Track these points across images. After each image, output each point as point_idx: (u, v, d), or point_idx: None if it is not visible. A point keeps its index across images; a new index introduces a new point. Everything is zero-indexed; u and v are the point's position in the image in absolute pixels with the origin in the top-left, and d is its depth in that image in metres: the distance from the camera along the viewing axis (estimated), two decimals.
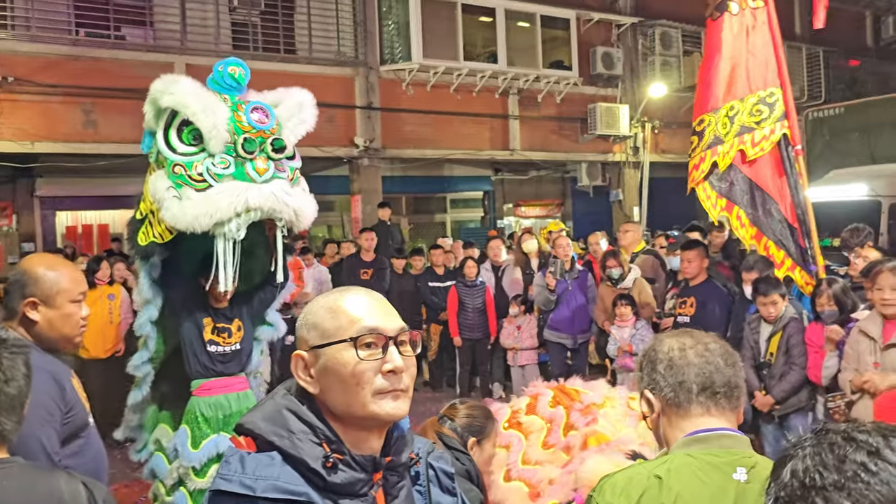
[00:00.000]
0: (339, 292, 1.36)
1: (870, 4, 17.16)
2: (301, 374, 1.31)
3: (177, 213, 2.93)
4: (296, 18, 10.75)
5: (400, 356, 1.29)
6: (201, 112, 3.00)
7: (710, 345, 1.52)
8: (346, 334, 1.27)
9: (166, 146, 3.05)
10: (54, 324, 2.19)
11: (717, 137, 4.84)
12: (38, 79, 8.79)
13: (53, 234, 11.98)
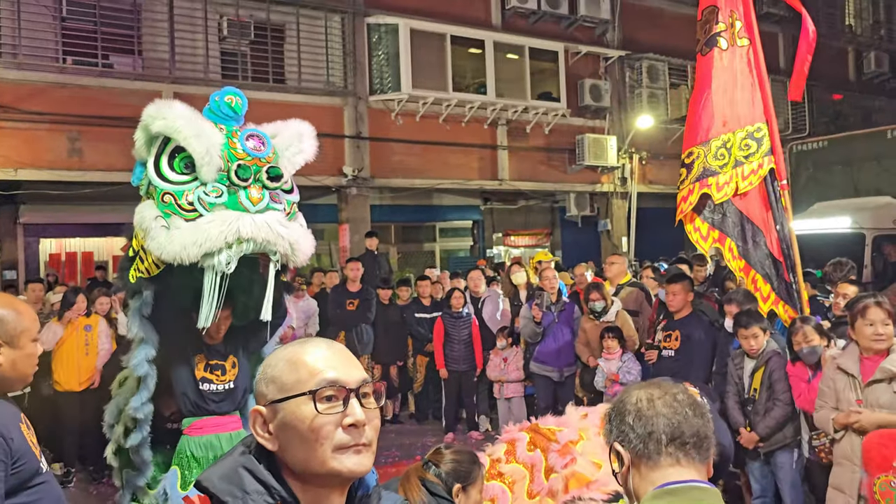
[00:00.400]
0: (300, 344, 1.31)
1: (852, 40, 17.47)
2: (259, 431, 1.26)
3: (163, 243, 2.81)
4: (285, 48, 10.81)
5: (362, 409, 1.24)
6: (194, 137, 2.88)
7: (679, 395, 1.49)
8: (305, 387, 1.22)
9: (157, 175, 2.95)
10: (17, 365, 2.13)
11: (706, 169, 4.85)
12: (24, 106, 8.76)
13: (36, 262, 11.87)
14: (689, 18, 14.88)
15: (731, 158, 4.80)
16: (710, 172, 4.83)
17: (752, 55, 4.95)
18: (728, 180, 4.77)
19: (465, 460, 2.54)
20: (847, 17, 17.72)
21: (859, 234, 8.36)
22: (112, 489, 6.21)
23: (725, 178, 4.78)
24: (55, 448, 7.17)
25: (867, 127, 13.66)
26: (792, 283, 4.70)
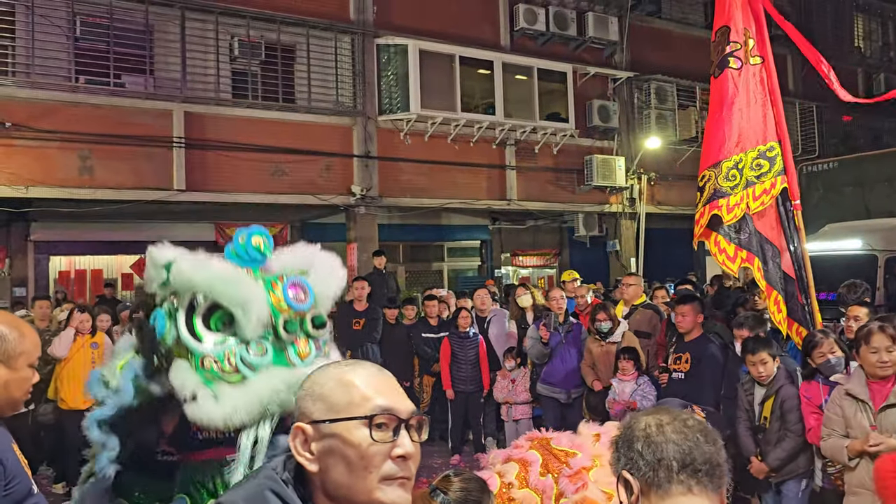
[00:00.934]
0: (350, 365, 1.28)
1: (861, 62, 17.47)
2: (300, 450, 1.21)
3: (211, 411, 2.57)
4: (296, 68, 10.89)
5: (412, 444, 1.21)
6: (239, 297, 2.66)
7: (689, 421, 1.44)
8: (359, 411, 1.19)
9: (192, 336, 2.68)
10: (10, 387, 2.07)
11: (717, 191, 4.81)
12: (36, 124, 8.84)
13: (46, 279, 11.91)
14: (697, 40, 14.98)
15: (742, 179, 4.75)
16: (720, 194, 4.79)
17: (766, 73, 4.93)
18: (739, 201, 4.72)
19: (474, 488, 2.44)
20: (856, 38, 17.74)
21: (871, 256, 8.28)
22: None
23: (736, 200, 4.73)
24: (58, 467, 7.14)
25: (877, 148, 13.61)
26: (805, 305, 4.63)
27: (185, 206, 10.41)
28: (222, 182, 10.10)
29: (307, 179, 10.73)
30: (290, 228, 13.42)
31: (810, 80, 15.31)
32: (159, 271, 2.75)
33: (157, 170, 9.65)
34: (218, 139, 10.01)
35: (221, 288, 2.66)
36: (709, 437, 1.42)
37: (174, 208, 10.62)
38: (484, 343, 7.47)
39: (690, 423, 1.43)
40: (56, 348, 6.49)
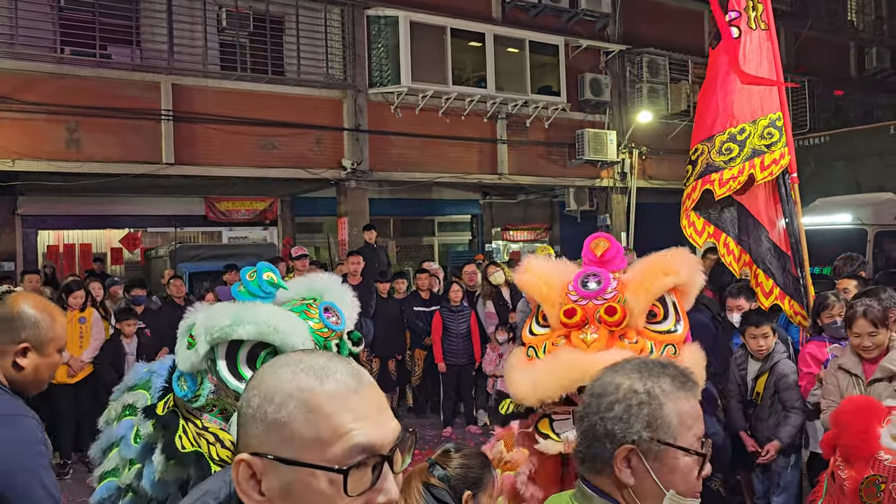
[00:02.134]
0: (315, 375, 0.95)
1: (854, 36, 17.43)
2: (245, 488, 0.94)
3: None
4: (285, 40, 10.75)
5: (394, 479, 0.95)
6: (290, 334, 2.62)
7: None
8: (330, 454, 0.91)
9: (238, 379, 2.62)
10: (39, 370, 2.10)
11: (709, 166, 4.76)
12: (22, 96, 8.70)
13: (35, 254, 11.83)
14: (689, 13, 14.90)
15: (744, 151, 4.68)
16: (712, 168, 4.74)
17: (771, 42, 4.88)
18: (736, 174, 4.67)
19: (475, 465, 2.38)
20: (849, 12, 17.67)
21: (861, 230, 8.34)
22: None
23: (732, 173, 4.68)
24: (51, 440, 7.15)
25: (867, 123, 13.63)
26: (799, 278, 4.64)
27: (174, 179, 10.32)
28: (211, 156, 10.01)
29: (297, 153, 10.65)
30: (280, 203, 13.36)
31: (801, 53, 15.28)
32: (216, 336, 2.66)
33: (146, 143, 9.54)
34: (206, 112, 9.89)
35: (272, 336, 2.61)
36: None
37: (163, 182, 10.53)
38: (476, 316, 7.50)
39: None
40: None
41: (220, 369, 2.65)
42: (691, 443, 1.31)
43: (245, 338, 2.62)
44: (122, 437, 3.14)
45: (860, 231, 8.32)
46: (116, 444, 3.16)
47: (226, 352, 2.64)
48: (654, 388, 1.33)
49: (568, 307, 2.61)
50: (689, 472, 1.31)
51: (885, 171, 9.80)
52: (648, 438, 1.30)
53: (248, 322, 2.60)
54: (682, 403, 1.33)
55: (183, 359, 2.75)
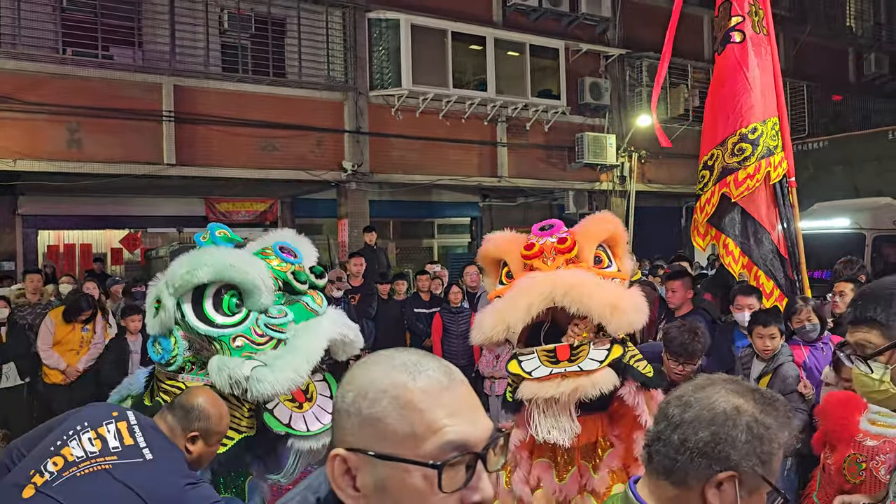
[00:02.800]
0: (407, 371, 0.95)
1: (852, 41, 17.49)
2: (340, 483, 0.94)
3: (276, 379, 2.57)
4: (286, 42, 10.78)
5: (487, 478, 0.94)
6: (248, 270, 2.70)
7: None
8: (424, 451, 0.90)
9: (208, 324, 2.70)
10: (202, 458, 2.35)
11: (725, 169, 4.77)
12: (24, 97, 8.72)
13: (35, 253, 11.85)
14: (689, 18, 14.91)
15: (759, 149, 4.69)
16: (728, 171, 4.75)
17: (770, 47, 4.92)
18: (752, 172, 4.67)
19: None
20: (848, 18, 17.73)
21: (859, 235, 8.38)
22: None
23: (748, 172, 4.68)
24: None
25: (866, 128, 13.68)
26: (795, 282, 4.68)
27: (175, 180, 10.35)
28: (212, 157, 10.03)
29: (298, 155, 10.68)
30: (281, 204, 13.39)
31: (800, 59, 15.34)
32: (177, 288, 2.74)
33: (147, 144, 9.56)
34: (208, 113, 9.92)
35: (230, 272, 2.70)
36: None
37: (164, 183, 10.55)
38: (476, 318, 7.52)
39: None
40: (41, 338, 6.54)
41: (188, 317, 2.71)
42: (775, 472, 1.27)
43: (205, 280, 2.69)
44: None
45: (858, 235, 8.36)
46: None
47: (192, 300, 2.72)
48: (771, 423, 1.28)
49: (527, 244, 3.16)
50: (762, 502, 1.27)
51: (883, 175, 9.85)
52: (754, 473, 1.25)
53: (205, 264, 2.70)
54: (781, 436, 1.29)
55: (153, 324, 2.82)
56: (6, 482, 1.99)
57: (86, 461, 1.98)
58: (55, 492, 1.91)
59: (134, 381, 3.33)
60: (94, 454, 2.00)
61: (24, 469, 2.00)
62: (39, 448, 2.05)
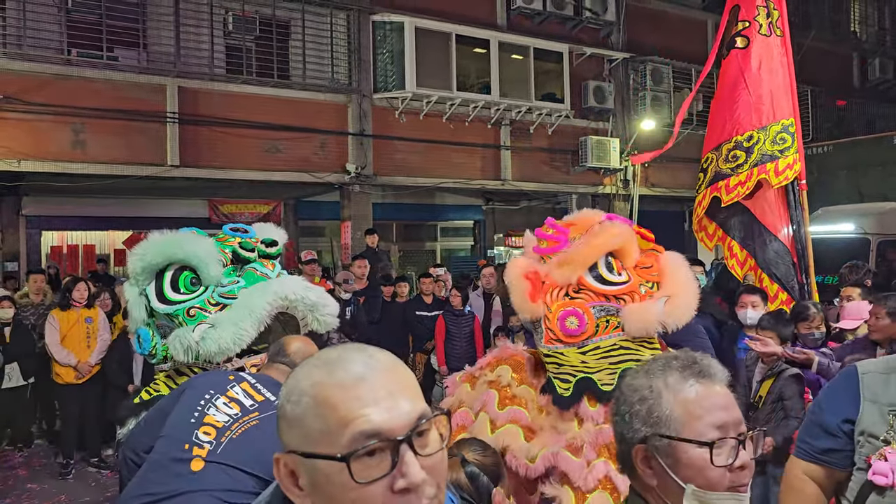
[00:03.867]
0: (327, 368, 0.97)
1: (857, 46, 17.47)
2: (287, 483, 0.98)
3: (219, 335, 2.67)
4: (290, 44, 10.80)
5: (418, 461, 0.93)
6: (190, 246, 2.85)
7: None
8: (340, 444, 0.92)
9: (166, 303, 2.84)
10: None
11: (717, 174, 4.81)
12: (29, 97, 8.74)
13: (38, 254, 11.86)
14: (693, 22, 14.95)
15: (752, 157, 4.70)
16: (720, 176, 4.79)
17: (785, 48, 4.91)
18: (743, 180, 4.69)
19: (495, 461, 2.38)
20: (852, 23, 17.72)
21: (864, 239, 8.35)
22: (111, 479, 6.20)
23: (739, 179, 4.71)
24: (56, 440, 7.17)
25: (870, 133, 13.65)
26: (804, 285, 4.66)
27: (179, 182, 10.36)
28: (216, 158, 10.05)
29: (301, 157, 10.69)
30: (284, 206, 13.40)
31: (804, 64, 15.32)
32: (140, 274, 2.91)
33: (151, 145, 9.58)
34: (212, 115, 9.94)
35: (173, 249, 2.87)
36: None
37: (167, 184, 10.57)
38: (479, 320, 7.53)
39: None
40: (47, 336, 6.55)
41: (151, 301, 2.88)
42: (701, 432, 1.25)
43: (153, 262, 2.87)
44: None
45: (863, 240, 8.33)
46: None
47: (154, 285, 2.89)
48: (655, 383, 1.31)
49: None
50: (704, 464, 1.24)
51: (887, 180, 9.82)
52: (651, 435, 1.28)
53: (153, 247, 2.90)
54: (688, 393, 1.28)
55: (131, 320, 3.01)
56: (157, 463, 1.91)
57: (234, 423, 1.96)
58: (223, 458, 1.87)
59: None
60: (237, 415, 1.98)
61: (173, 446, 1.92)
62: (174, 426, 1.97)
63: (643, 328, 2.77)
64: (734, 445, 1.25)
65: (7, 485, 6.19)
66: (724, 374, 1.34)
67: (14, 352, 6.64)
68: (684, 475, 1.25)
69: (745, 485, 1.25)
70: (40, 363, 6.80)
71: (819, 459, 1.90)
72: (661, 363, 1.35)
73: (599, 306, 2.82)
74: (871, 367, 1.91)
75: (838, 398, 1.89)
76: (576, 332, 2.83)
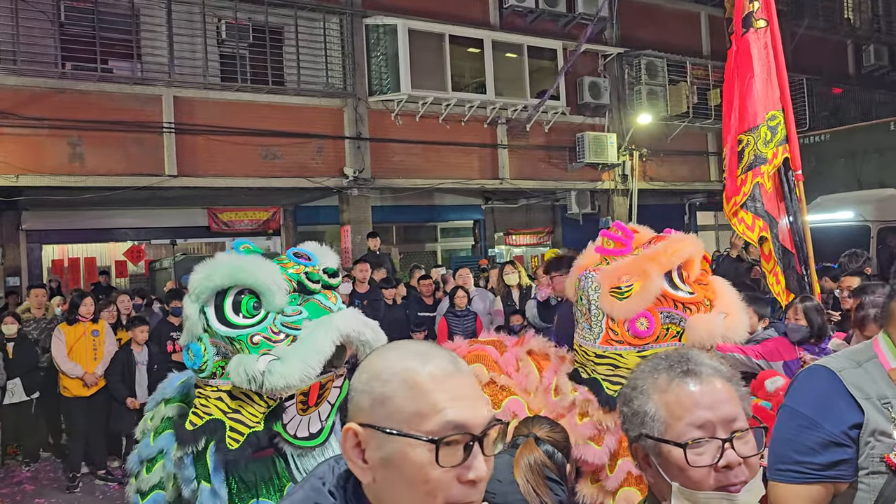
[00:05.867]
0: (418, 358, 1.05)
1: (851, 33, 17.46)
2: (351, 455, 1.04)
3: (286, 371, 2.67)
4: (284, 51, 10.80)
5: (484, 460, 1.02)
6: (258, 272, 2.85)
7: None
8: (426, 427, 0.99)
9: (228, 326, 2.85)
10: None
11: (757, 157, 4.65)
12: (24, 112, 8.75)
13: (39, 268, 11.87)
14: (687, 15, 14.94)
15: (776, 136, 4.64)
16: (760, 160, 4.64)
17: (770, 37, 4.84)
18: (770, 158, 4.62)
19: (565, 435, 2.41)
20: (846, 10, 17.70)
21: (864, 227, 8.35)
22: (118, 492, 6.20)
23: (768, 168, 4.63)
24: (62, 454, 7.17)
25: (866, 120, 13.64)
26: (804, 276, 4.62)
27: (177, 191, 10.37)
28: (214, 167, 10.05)
29: (299, 162, 10.69)
30: (283, 212, 13.40)
31: (799, 52, 15.31)
32: (199, 294, 2.90)
33: (148, 155, 9.58)
34: (208, 123, 9.94)
35: (240, 274, 2.86)
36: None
37: (166, 194, 10.57)
38: (481, 320, 7.53)
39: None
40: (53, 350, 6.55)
41: (210, 321, 2.88)
42: (680, 433, 1.26)
43: (220, 283, 2.86)
44: (164, 450, 3.22)
45: (863, 227, 8.32)
46: (160, 458, 3.25)
47: (214, 305, 2.89)
48: (644, 384, 1.33)
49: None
50: (683, 464, 1.25)
51: (885, 167, 9.82)
52: (640, 435, 1.31)
53: (219, 269, 2.88)
54: (675, 393, 1.29)
55: (184, 333, 3.01)
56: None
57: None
58: None
59: (168, 385, 3.46)
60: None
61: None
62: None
63: (707, 339, 2.84)
64: (719, 445, 1.24)
65: (15, 500, 6.20)
66: (720, 368, 1.32)
67: (17, 367, 6.65)
68: (671, 474, 1.27)
69: (736, 484, 1.23)
70: (45, 378, 6.81)
71: (823, 477, 1.70)
72: (651, 363, 1.36)
73: (667, 312, 2.89)
74: (842, 364, 1.76)
75: (835, 405, 1.71)
76: (644, 334, 2.92)
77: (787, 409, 1.81)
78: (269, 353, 2.76)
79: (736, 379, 1.32)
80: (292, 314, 2.86)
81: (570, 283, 3.38)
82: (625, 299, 3.08)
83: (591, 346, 3.07)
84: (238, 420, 2.89)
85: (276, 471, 3.04)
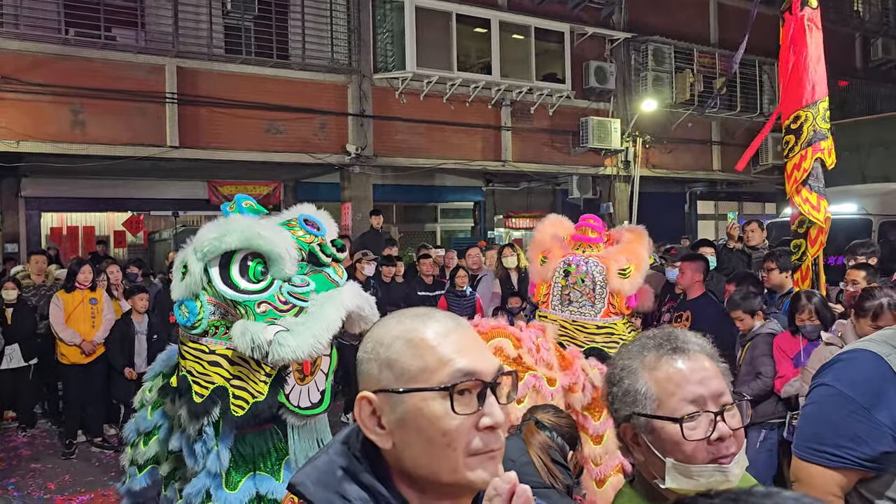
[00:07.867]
0: (419, 319, 1.06)
1: (859, 27, 17.35)
2: (368, 423, 1.04)
3: (296, 344, 2.65)
4: (290, 24, 10.69)
5: (499, 406, 1.03)
6: (275, 239, 2.81)
7: None
8: (436, 379, 1.00)
9: (234, 290, 2.81)
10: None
11: (817, 132, 4.59)
12: (26, 77, 8.67)
13: (38, 235, 11.84)
14: (695, 2, 14.82)
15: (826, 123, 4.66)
16: (820, 136, 4.59)
17: (816, 22, 4.80)
18: (831, 146, 4.60)
19: (570, 423, 2.46)
20: (855, 3, 17.58)
21: (866, 220, 8.34)
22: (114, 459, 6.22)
23: (829, 144, 4.59)
24: (59, 420, 7.20)
25: (872, 114, 13.60)
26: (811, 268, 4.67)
27: (178, 163, 10.31)
28: (216, 139, 9.99)
29: (301, 137, 10.64)
30: (284, 187, 13.35)
31: None
32: (205, 253, 2.84)
33: (150, 126, 9.52)
34: (211, 95, 9.87)
35: (258, 240, 2.79)
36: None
37: (167, 165, 10.52)
38: (480, 301, 7.53)
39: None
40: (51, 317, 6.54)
41: (214, 282, 2.82)
42: (674, 409, 1.28)
43: (233, 246, 2.80)
44: (161, 425, 3.22)
45: (865, 220, 8.31)
46: (156, 433, 3.24)
47: (219, 265, 2.83)
48: (633, 363, 1.35)
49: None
50: (680, 439, 1.27)
51: (890, 161, 9.80)
52: (631, 413, 1.33)
53: (233, 231, 2.80)
54: (665, 370, 1.31)
55: (180, 288, 2.91)
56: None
57: None
58: None
59: (168, 356, 3.43)
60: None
61: None
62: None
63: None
64: (711, 418, 1.27)
65: (11, 465, 6.23)
66: (705, 346, 1.37)
67: (16, 333, 6.65)
68: (664, 450, 1.30)
69: (727, 456, 1.27)
70: (43, 344, 6.81)
71: (863, 466, 1.63)
72: (639, 343, 1.39)
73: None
74: (886, 350, 1.68)
75: (884, 393, 1.62)
76: (633, 305, 4.18)
77: (831, 389, 1.70)
78: (276, 322, 2.73)
79: (716, 355, 1.37)
80: (300, 285, 2.84)
81: (534, 258, 4.66)
82: (628, 278, 4.15)
83: (591, 320, 3.94)
84: (240, 387, 2.89)
85: (273, 444, 3.05)
